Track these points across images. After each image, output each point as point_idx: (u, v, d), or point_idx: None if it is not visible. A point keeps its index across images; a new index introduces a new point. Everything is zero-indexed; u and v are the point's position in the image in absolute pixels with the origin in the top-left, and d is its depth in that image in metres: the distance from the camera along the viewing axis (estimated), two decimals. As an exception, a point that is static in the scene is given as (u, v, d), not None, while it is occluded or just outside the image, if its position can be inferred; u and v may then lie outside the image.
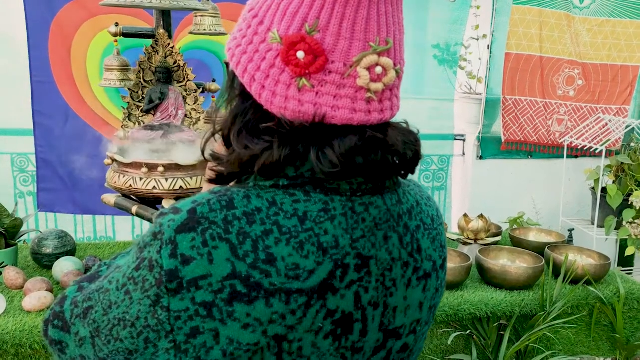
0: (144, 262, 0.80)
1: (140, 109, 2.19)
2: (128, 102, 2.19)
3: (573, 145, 3.66)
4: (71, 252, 2.27)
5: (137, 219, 3.88)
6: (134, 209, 2.10)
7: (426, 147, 1.02)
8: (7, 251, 2.09)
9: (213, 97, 2.30)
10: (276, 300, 0.78)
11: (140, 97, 2.19)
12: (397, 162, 0.88)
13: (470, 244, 2.52)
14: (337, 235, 0.83)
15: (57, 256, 2.21)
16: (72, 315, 0.90)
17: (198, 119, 2.22)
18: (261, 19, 0.86)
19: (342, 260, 0.83)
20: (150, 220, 2.09)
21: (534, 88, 3.69)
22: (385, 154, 0.85)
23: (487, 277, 2.23)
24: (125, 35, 2.19)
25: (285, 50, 0.82)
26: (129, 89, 2.18)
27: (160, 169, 1.98)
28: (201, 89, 2.22)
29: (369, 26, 0.82)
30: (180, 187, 2.02)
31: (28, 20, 3.00)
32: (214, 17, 2.25)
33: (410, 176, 0.96)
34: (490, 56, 3.71)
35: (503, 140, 3.79)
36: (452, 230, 3.02)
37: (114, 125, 3.17)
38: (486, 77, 3.75)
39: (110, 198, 2.18)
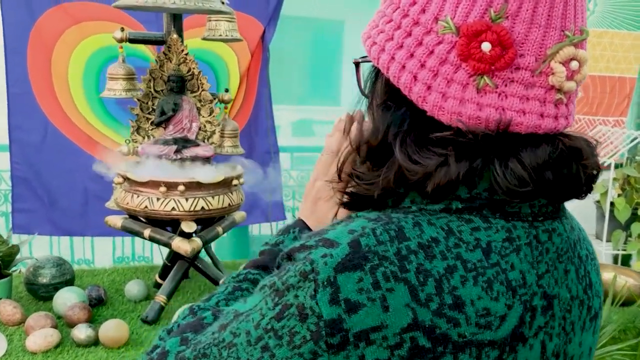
0: (290, 309, 0.63)
1: (150, 121, 1.99)
2: (137, 114, 1.98)
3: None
4: (70, 281, 2.04)
5: (118, 241, 3.63)
6: (147, 232, 1.89)
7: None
8: (1, 282, 1.85)
9: (226, 108, 2.10)
10: (466, 356, 0.62)
11: (150, 109, 1.99)
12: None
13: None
14: (524, 271, 0.68)
15: (55, 286, 1.97)
16: None
17: (213, 132, 2.02)
18: (423, 6, 0.69)
19: (530, 301, 0.67)
20: (167, 245, 1.88)
21: (533, 100, 3.60)
22: (578, 168, 0.70)
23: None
24: (132, 41, 1.99)
25: (464, 42, 0.66)
26: (138, 99, 1.97)
27: (181, 187, 1.78)
28: (216, 100, 2.03)
29: (567, 11, 0.67)
30: (202, 207, 1.82)
31: (5, 26, 2.74)
32: (230, 21, 2.06)
33: None
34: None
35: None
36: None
37: (99, 140, 2.94)
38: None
39: (116, 220, 1.97)
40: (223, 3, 1.95)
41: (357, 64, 0.83)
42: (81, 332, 1.70)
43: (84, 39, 2.85)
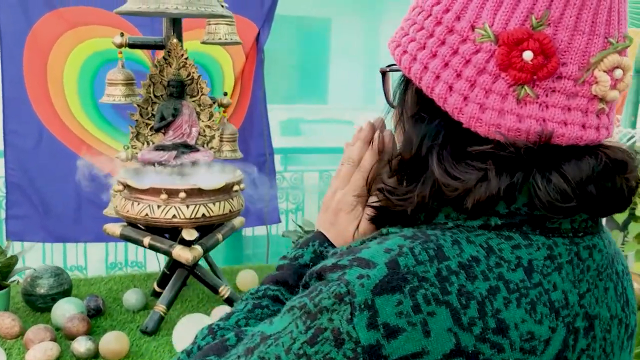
0: (324, 333, 0.59)
1: (149, 127, 1.95)
2: (136, 120, 1.94)
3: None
4: (68, 291, 2.00)
5: (111, 247, 3.58)
6: (146, 240, 1.85)
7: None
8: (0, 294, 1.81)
9: (224, 112, 2.07)
10: None
11: (150, 114, 1.95)
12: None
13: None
14: (566, 291, 0.65)
15: (53, 297, 1.93)
16: None
17: (212, 137, 1.99)
18: (457, 14, 0.67)
19: (573, 323, 0.65)
20: (167, 254, 1.84)
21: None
22: (622, 181, 0.67)
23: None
24: (132, 46, 1.95)
25: (504, 50, 0.64)
26: (137, 105, 1.93)
27: (182, 194, 1.75)
28: (215, 104, 1.99)
29: (611, 18, 0.65)
30: (203, 214, 1.79)
31: (2, 32, 2.70)
32: (230, 25, 2.03)
33: None
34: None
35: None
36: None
37: (94, 145, 2.89)
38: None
39: (114, 228, 1.93)
40: (223, 7, 1.92)
41: (384, 73, 0.81)
42: (81, 345, 1.66)
43: (79, 44, 2.81)
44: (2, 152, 2.82)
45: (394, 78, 0.81)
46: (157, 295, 2.06)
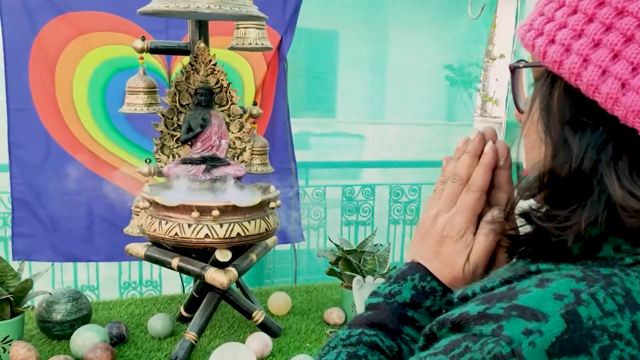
0: None
1: (175, 138, 1.80)
2: (161, 131, 1.79)
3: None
4: (87, 317, 1.84)
5: (124, 266, 3.41)
6: (175, 262, 1.69)
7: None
8: (13, 321, 1.64)
9: (254, 123, 1.92)
10: None
11: (175, 125, 1.80)
12: None
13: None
14: None
15: (71, 323, 1.77)
16: None
17: (243, 150, 1.83)
18: None
19: None
20: (199, 277, 1.68)
21: (556, 110, 3.46)
22: None
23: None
24: (153, 51, 1.80)
25: None
26: (162, 114, 1.78)
27: (215, 212, 1.59)
28: (246, 114, 1.84)
29: None
30: (238, 233, 1.63)
31: (5, 39, 2.54)
32: (260, 29, 1.88)
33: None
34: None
35: (524, 167, 3.53)
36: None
37: (106, 159, 2.75)
38: (506, 99, 3.49)
39: (138, 249, 1.77)
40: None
41: (513, 70, 0.66)
42: (107, 379, 1.50)
43: (89, 51, 2.66)
44: (7, 167, 2.66)
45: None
46: (184, 320, 1.90)
